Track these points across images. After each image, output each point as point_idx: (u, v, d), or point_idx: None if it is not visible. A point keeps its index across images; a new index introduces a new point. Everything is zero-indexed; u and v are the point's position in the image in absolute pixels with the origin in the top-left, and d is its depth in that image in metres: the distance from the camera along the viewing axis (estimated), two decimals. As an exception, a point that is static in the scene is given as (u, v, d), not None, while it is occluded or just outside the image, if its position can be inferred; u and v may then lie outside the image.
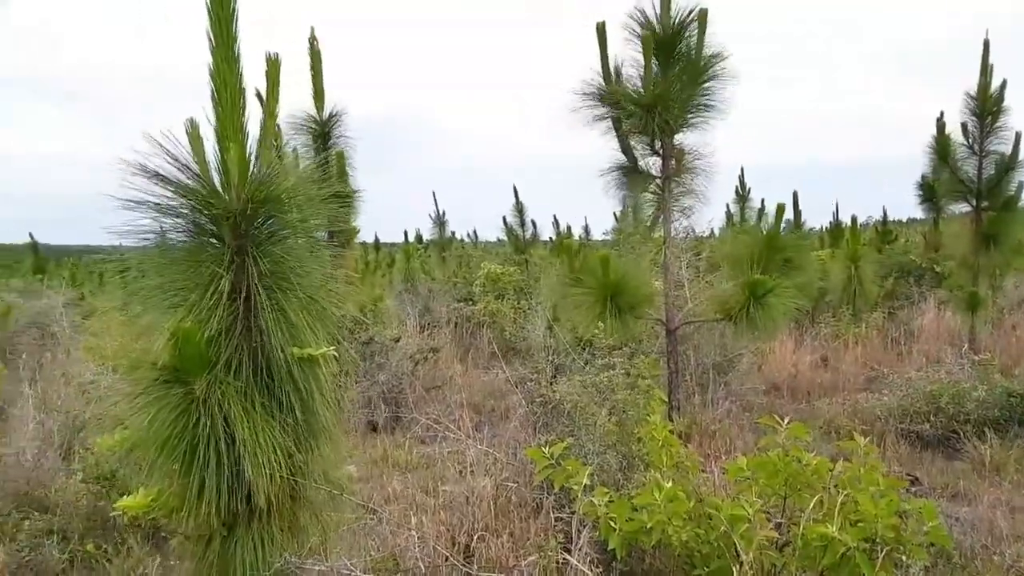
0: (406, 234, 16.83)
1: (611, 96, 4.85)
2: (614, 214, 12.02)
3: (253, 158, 2.28)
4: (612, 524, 2.77)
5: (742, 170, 13.92)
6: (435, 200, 14.35)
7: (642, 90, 4.73)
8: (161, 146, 2.19)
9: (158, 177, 2.21)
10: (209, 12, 2.17)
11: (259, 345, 2.21)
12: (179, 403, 2.03)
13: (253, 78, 2.35)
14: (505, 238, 14.28)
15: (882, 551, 2.51)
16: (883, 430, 5.90)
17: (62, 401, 5.31)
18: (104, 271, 18.44)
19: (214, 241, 2.27)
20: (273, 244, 2.31)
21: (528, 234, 12.98)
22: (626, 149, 4.96)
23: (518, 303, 10.39)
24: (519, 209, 12.54)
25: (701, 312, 5.54)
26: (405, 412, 6.57)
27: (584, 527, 2.90)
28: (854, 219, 12.74)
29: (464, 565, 2.87)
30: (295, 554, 2.24)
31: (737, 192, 13.94)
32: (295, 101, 5.85)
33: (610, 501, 2.85)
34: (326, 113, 6.06)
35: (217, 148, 2.25)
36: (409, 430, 6.23)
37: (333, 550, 2.42)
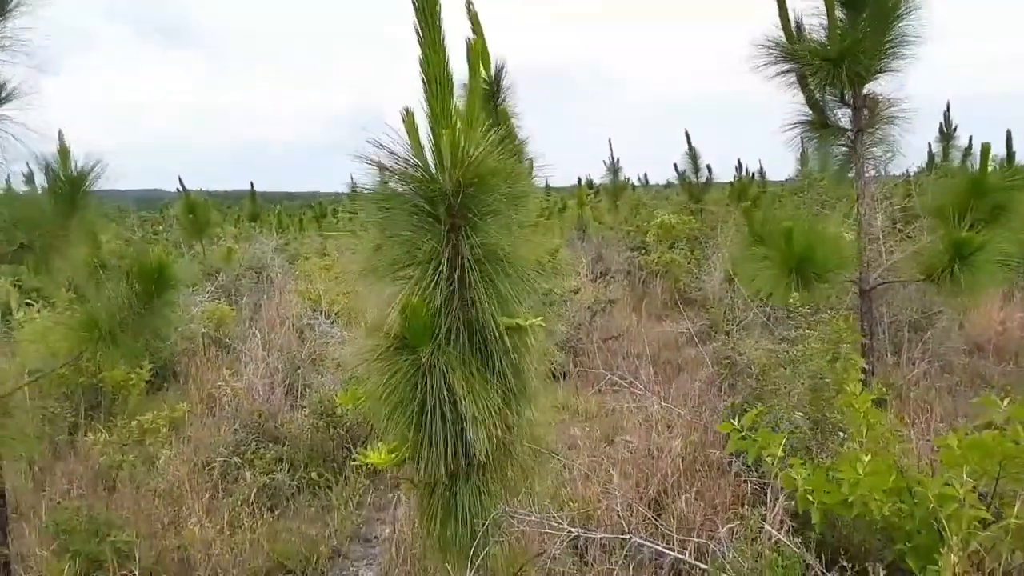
0: (579, 180, 16.85)
1: (793, 52, 4.59)
2: (798, 157, 11.34)
3: (462, 141, 2.42)
4: (810, 496, 2.77)
5: (948, 105, 12.61)
6: (610, 146, 14.23)
7: (827, 42, 4.43)
8: (380, 144, 2.38)
9: (382, 165, 2.41)
10: (415, 3, 2.31)
11: (473, 316, 2.40)
12: (408, 368, 2.27)
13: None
14: (676, 182, 13.94)
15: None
16: (1107, 400, 5.33)
17: (281, 341, 5.95)
18: (303, 217, 20.12)
19: (431, 221, 2.45)
20: (482, 221, 2.45)
21: (703, 179, 12.57)
22: (813, 104, 4.69)
23: (692, 252, 10.21)
24: (692, 155, 12.15)
25: (898, 270, 5.21)
26: (583, 361, 6.76)
27: (779, 494, 2.92)
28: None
29: (656, 520, 2.99)
30: (508, 504, 2.45)
31: (941, 130, 12.66)
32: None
33: (808, 473, 2.84)
34: (492, 70, 6.19)
35: (431, 133, 2.42)
36: (587, 379, 6.41)
37: (539, 501, 2.62)
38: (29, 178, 3.99)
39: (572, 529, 2.56)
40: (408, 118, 2.33)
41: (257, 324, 6.55)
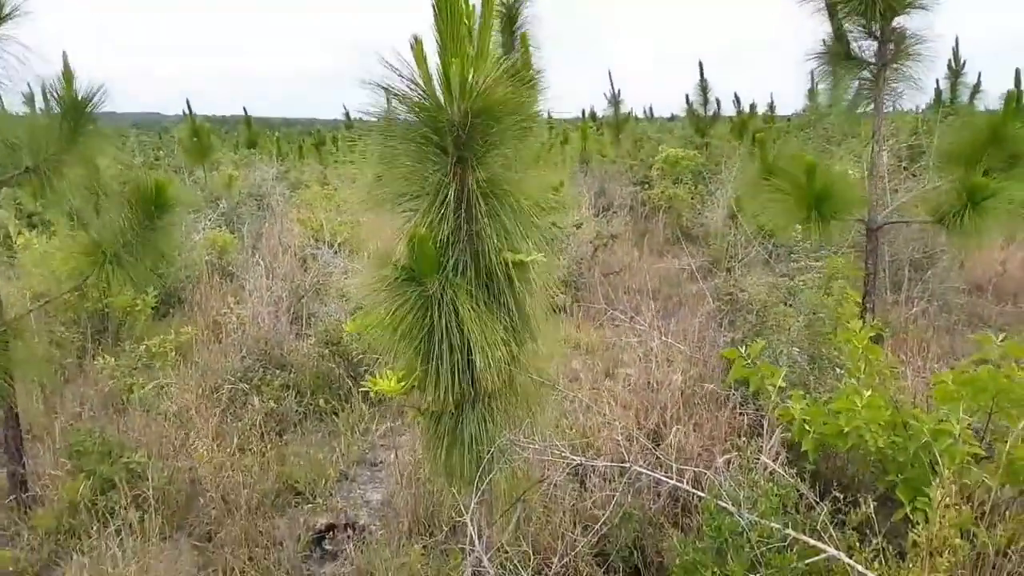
0: (583, 112, 16.60)
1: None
2: (808, 92, 11.14)
3: (472, 71, 2.38)
4: (807, 428, 2.85)
5: (956, 41, 12.28)
6: (610, 79, 13.95)
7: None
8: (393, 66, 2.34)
9: (389, 92, 2.38)
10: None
11: (479, 249, 2.41)
12: (416, 300, 2.29)
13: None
14: (683, 114, 13.73)
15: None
16: (1103, 341, 5.40)
17: (285, 270, 5.98)
18: (303, 144, 19.89)
19: (438, 152, 2.43)
20: (489, 154, 2.44)
21: (710, 112, 12.39)
22: (839, 34, 4.59)
23: (696, 188, 10.16)
24: (703, 87, 11.94)
25: (905, 210, 5.20)
26: (585, 296, 6.80)
27: (776, 427, 3.00)
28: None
29: (655, 450, 3.08)
30: (512, 432, 2.52)
31: (949, 66, 12.36)
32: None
33: (806, 405, 2.91)
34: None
35: (440, 62, 2.38)
36: (588, 313, 6.47)
37: (542, 431, 2.69)
38: (29, 99, 3.94)
39: (574, 457, 2.63)
40: (417, 46, 2.28)
41: (260, 253, 6.57)
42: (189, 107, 11.31)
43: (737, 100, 14.14)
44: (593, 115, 17.78)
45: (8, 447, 3.57)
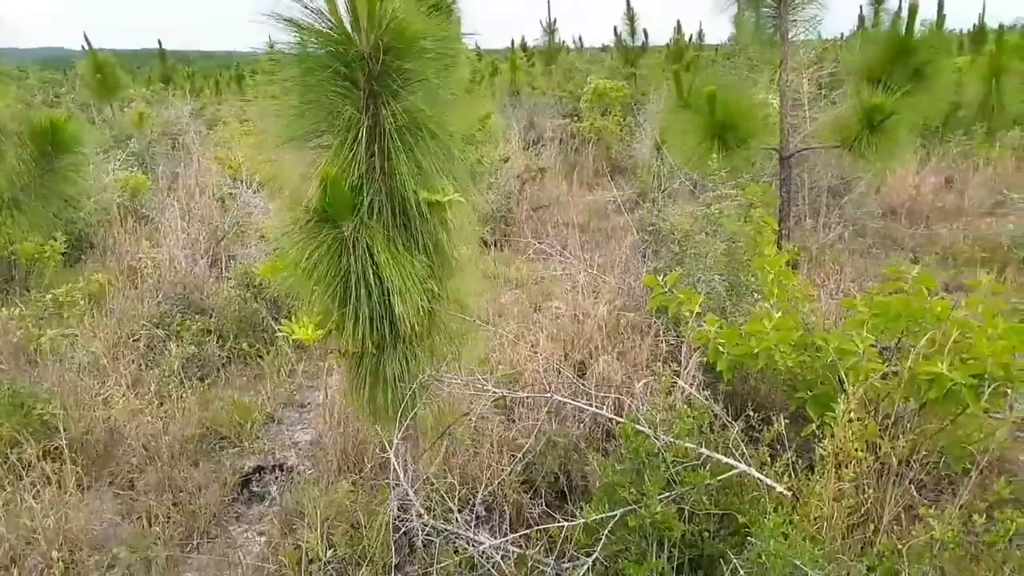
0: (512, 42, 16.26)
1: None
2: (732, 20, 11.15)
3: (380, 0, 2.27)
4: (721, 349, 2.94)
5: (878, -34, 12.44)
6: (548, 5, 13.69)
7: None
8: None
9: (293, 23, 2.26)
10: None
11: (395, 189, 2.34)
12: (331, 243, 2.23)
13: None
14: (613, 45, 13.60)
15: (989, 387, 2.58)
16: (1006, 259, 5.71)
17: (202, 211, 5.77)
18: (219, 79, 19.00)
19: (349, 86, 2.33)
20: (404, 88, 2.35)
21: (639, 43, 12.31)
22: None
23: (624, 120, 10.15)
24: (630, 16, 11.81)
25: (817, 137, 5.31)
26: (513, 231, 6.80)
27: (693, 352, 3.08)
28: (1001, 25, 11.36)
29: (578, 380, 3.13)
30: (434, 369, 2.52)
31: (870, -8, 12.55)
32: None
33: (720, 328, 3.00)
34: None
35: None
36: (517, 248, 6.48)
37: (466, 366, 2.70)
38: None
39: (496, 390, 2.66)
40: (323, -30, 2.16)
41: (175, 194, 6.30)
42: (88, 41, 10.60)
43: (678, 27, 14.06)
44: (524, 46, 17.46)
45: (-90, 404, 3.40)
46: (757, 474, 2.25)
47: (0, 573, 2.70)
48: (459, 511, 2.36)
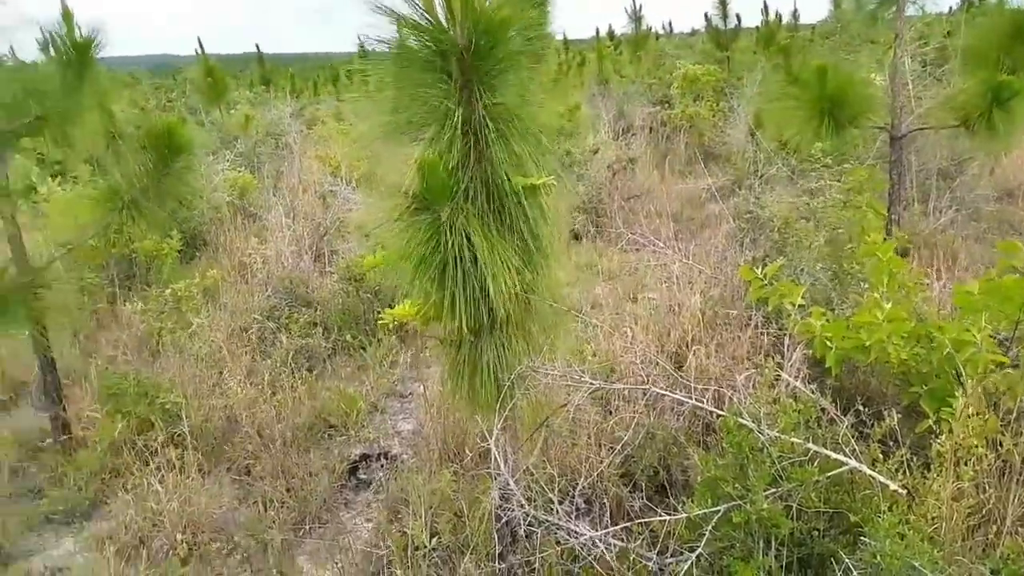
0: (597, 31, 16.11)
1: None
2: (832, -1, 10.69)
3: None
4: (828, 343, 2.84)
5: (995, -68, 11.64)
6: (633, -9, 13.46)
7: None
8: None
9: (390, 14, 2.32)
10: None
11: (489, 175, 2.38)
12: (429, 228, 2.29)
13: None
14: (703, 29, 13.27)
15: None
16: None
17: (305, 208, 6.00)
18: (316, 80, 19.66)
19: (444, 77, 2.38)
20: (497, 77, 2.38)
21: (731, 25, 11.95)
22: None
23: (717, 105, 9.90)
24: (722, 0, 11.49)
25: (931, 116, 5.03)
26: (605, 222, 6.76)
27: (796, 344, 2.99)
28: None
29: (676, 373, 3.10)
30: (530, 359, 2.55)
31: (985, -40, 11.77)
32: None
33: (827, 320, 2.90)
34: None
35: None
36: (609, 239, 6.43)
37: (562, 357, 2.71)
38: (45, 46, 3.87)
39: (593, 381, 2.66)
40: (417, -36, 2.21)
41: (279, 192, 6.58)
42: (201, 46, 11.14)
43: (765, 9, 13.59)
44: (611, 34, 17.27)
45: (48, 392, 3.69)
46: (869, 471, 2.17)
47: (129, 553, 2.91)
48: (559, 502, 2.38)
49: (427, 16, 2.22)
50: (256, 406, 3.64)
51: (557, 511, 2.34)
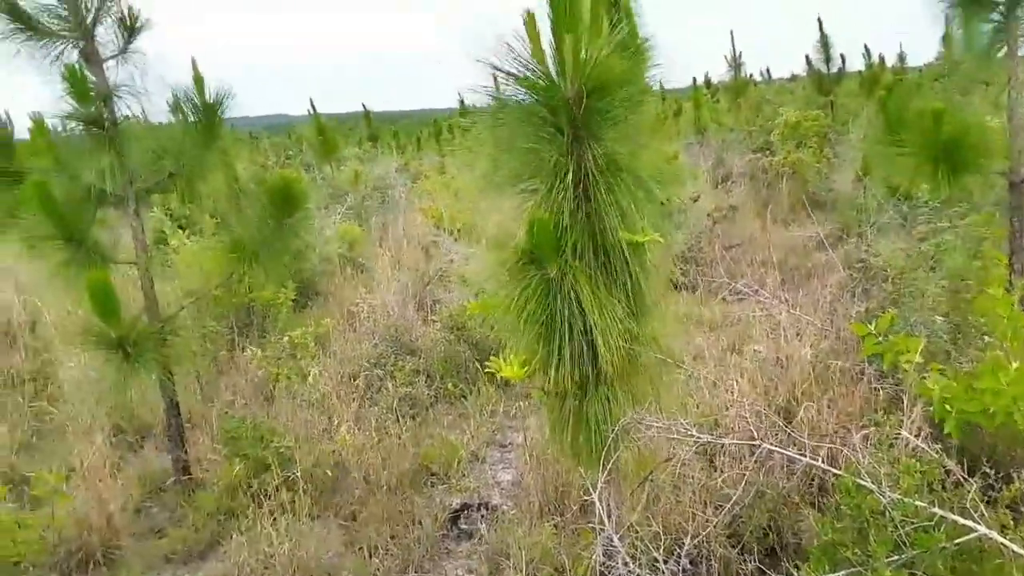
0: (695, 80, 16.09)
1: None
2: (941, 38, 10.31)
3: (585, 45, 2.37)
4: (947, 406, 2.69)
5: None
6: (732, 39, 13.38)
7: None
8: (506, 44, 2.37)
9: (501, 71, 2.41)
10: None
11: (598, 229, 2.42)
12: (537, 283, 2.34)
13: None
14: (803, 73, 13.02)
15: None
16: None
17: (409, 259, 6.21)
18: (420, 136, 20.45)
19: (553, 131, 2.44)
20: (605, 130, 2.43)
21: (834, 69, 11.66)
22: (960, -32, 4.24)
23: (821, 151, 9.65)
24: (824, 43, 11.24)
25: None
26: (705, 271, 6.66)
27: (915, 401, 2.85)
28: None
29: (786, 428, 3.00)
30: (636, 412, 2.53)
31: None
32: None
33: (946, 383, 2.75)
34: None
35: (552, 37, 2.38)
36: (710, 288, 6.33)
37: (666, 409, 2.68)
38: (175, 107, 4.18)
39: (700, 435, 2.61)
40: (529, 20, 2.29)
41: (386, 243, 6.85)
42: (313, 106, 11.87)
43: (867, 52, 13.23)
44: (707, 82, 17.20)
45: (171, 434, 3.92)
46: (1000, 538, 2.03)
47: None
48: (664, 561, 2.33)
49: (538, 70, 2.30)
50: (363, 452, 3.75)
51: (663, 571, 2.29)
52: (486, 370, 2.75)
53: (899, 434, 2.55)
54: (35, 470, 3.58)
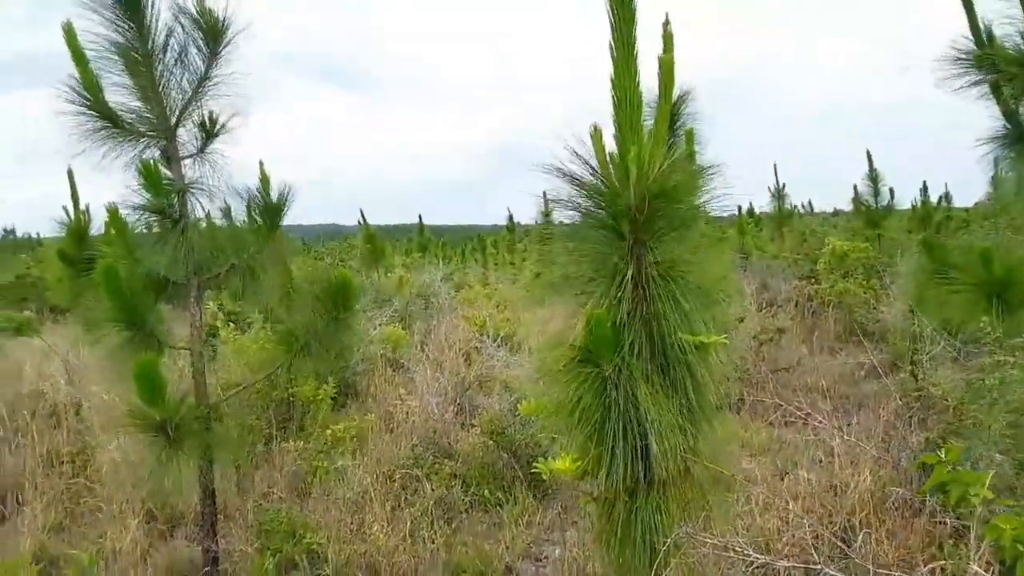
0: (740, 208, 16.36)
1: (986, 59, 4.28)
2: (990, 179, 10.40)
3: (648, 156, 2.46)
4: (1019, 546, 2.53)
5: None
6: (775, 172, 13.69)
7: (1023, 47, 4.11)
8: (572, 151, 2.48)
9: (566, 177, 2.50)
10: (611, 22, 2.40)
11: (656, 331, 2.42)
12: (593, 380, 2.33)
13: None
14: (844, 207, 13.16)
15: None
16: None
17: (451, 364, 6.21)
18: (464, 248, 21.01)
19: (614, 236, 2.51)
20: (666, 236, 2.48)
21: (883, 203, 11.75)
22: (1008, 115, 4.34)
23: (868, 282, 9.60)
24: (873, 177, 11.40)
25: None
26: (751, 393, 6.52)
27: (983, 537, 2.68)
28: None
29: (848, 553, 2.84)
30: (690, 525, 2.43)
31: None
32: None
33: (1018, 522, 2.59)
34: (675, 94, 6.18)
35: (617, 149, 2.48)
36: (755, 411, 6.18)
37: (719, 526, 2.57)
38: (227, 212, 4.39)
39: (757, 556, 2.48)
40: (596, 134, 2.41)
41: (428, 347, 6.88)
42: (363, 216, 12.35)
43: (925, 189, 13.36)
44: (751, 211, 17.47)
45: (204, 524, 3.84)
46: None
47: None
48: None
49: (603, 180, 2.38)
50: (395, 554, 3.63)
51: None
52: (532, 470, 2.68)
53: (970, 567, 2.38)
54: (64, 551, 3.53)
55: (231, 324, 6.97)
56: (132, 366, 3.65)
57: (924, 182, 13.16)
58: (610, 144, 2.54)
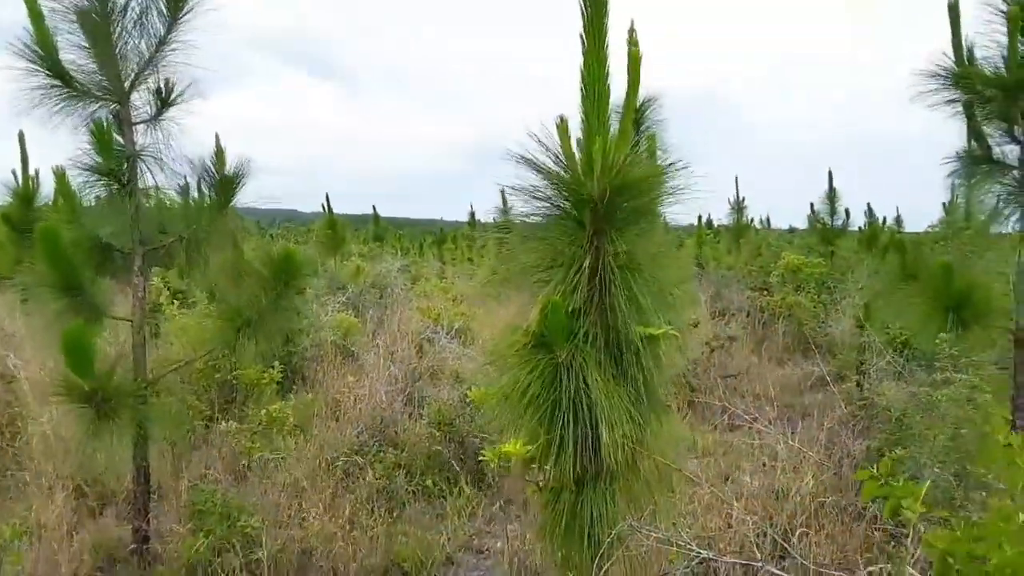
0: (699, 218, 16.54)
1: (964, 78, 4.37)
2: (943, 204, 10.68)
3: (613, 148, 2.44)
4: (951, 560, 2.56)
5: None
6: (736, 185, 13.89)
7: (1003, 71, 4.21)
8: (537, 139, 2.44)
9: (531, 165, 2.46)
10: (583, 16, 2.37)
11: (611, 321, 2.39)
12: (545, 366, 2.29)
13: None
14: (800, 225, 13.41)
15: None
16: None
17: (402, 354, 6.12)
18: (423, 242, 20.85)
19: (575, 225, 2.48)
20: (626, 230, 2.46)
21: (838, 222, 11.98)
22: (978, 137, 4.45)
23: (818, 296, 9.79)
24: (831, 197, 11.60)
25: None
26: (699, 397, 6.57)
27: (918, 545, 2.72)
28: None
29: (791, 553, 2.85)
30: (634, 518, 2.40)
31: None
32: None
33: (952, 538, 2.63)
34: (639, 100, 6.21)
35: (583, 140, 2.46)
36: (703, 415, 6.23)
37: (664, 520, 2.55)
38: (184, 190, 4.25)
39: (701, 551, 2.47)
40: (561, 124, 2.38)
41: (380, 336, 6.77)
42: (328, 201, 12.18)
43: (869, 211, 13.65)
44: (709, 223, 17.68)
45: (136, 502, 3.70)
46: None
47: None
48: None
49: (567, 168, 2.35)
50: (333, 542, 3.54)
51: None
52: (479, 461, 2.63)
53: (907, 571, 2.41)
54: (-15, 524, 3.36)
55: (176, 302, 6.77)
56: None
57: (868, 204, 13.43)
58: (577, 135, 2.51)
